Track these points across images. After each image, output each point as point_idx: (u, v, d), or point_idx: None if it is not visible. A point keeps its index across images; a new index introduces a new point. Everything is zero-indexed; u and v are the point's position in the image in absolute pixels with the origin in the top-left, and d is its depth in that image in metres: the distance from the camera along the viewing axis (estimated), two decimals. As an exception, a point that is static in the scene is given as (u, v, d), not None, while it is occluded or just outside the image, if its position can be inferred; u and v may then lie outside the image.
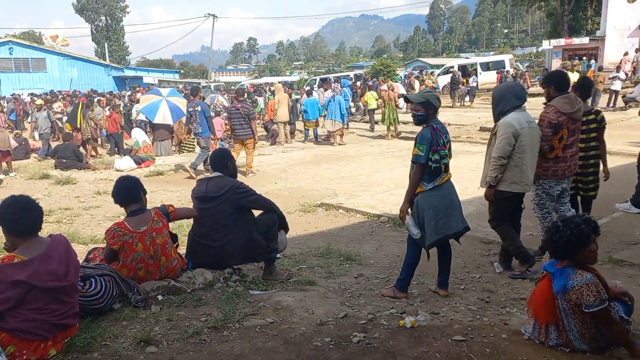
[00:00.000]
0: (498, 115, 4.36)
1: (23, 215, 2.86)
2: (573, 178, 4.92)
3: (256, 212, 4.28)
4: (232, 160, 4.30)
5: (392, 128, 15.22)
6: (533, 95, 25.01)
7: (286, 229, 4.37)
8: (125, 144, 14.58)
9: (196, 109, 10.26)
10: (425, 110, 3.92)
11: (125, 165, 11.14)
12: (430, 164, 3.80)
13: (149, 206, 3.89)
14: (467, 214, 6.79)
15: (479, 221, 5.98)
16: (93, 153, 14.14)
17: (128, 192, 3.71)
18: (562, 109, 4.46)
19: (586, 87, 5.23)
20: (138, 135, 12.75)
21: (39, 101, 20.69)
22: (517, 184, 4.34)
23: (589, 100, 6.80)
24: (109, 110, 15.48)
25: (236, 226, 4.02)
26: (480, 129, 15.10)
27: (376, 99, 17.50)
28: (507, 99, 4.32)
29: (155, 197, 8.37)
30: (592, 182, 5.41)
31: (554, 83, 4.59)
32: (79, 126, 14.21)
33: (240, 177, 10.66)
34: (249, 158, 10.32)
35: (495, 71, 28.15)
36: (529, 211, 6.51)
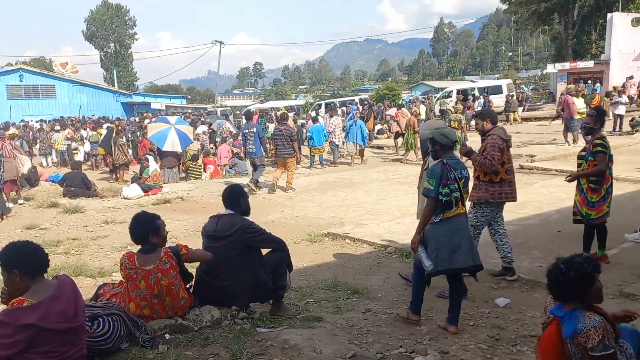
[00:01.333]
0: (426, 150, 4.69)
1: (37, 254, 2.90)
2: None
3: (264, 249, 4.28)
4: (245, 197, 4.31)
5: (411, 152, 15.43)
6: (539, 118, 25.12)
7: (290, 269, 4.35)
8: (132, 170, 14.68)
9: (251, 130, 11.56)
10: (433, 146, 4.12)
11: (132, 193, 11.20)
12: (441, 198, 3.94)
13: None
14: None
15: (487, 251, 5.94)
16: (125, 178, 14.72)
17: (136, 232, 3.72)
18: (502, 136, 5.17)
19: (601, 116, 5.61)
20: (151, 163, 12.87)
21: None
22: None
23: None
24: (140, 135, 16.62)
25: (244, 266, 4.02)
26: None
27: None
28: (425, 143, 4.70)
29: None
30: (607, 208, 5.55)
31: (489, 117, 5.33)
32: (111, 151, 15.11)
33: (279, 193, 11.26)
34: (289, 175, 11.59)
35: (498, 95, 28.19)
36: (537, 241, 6.48)
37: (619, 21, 28.74)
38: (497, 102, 27.18)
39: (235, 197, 4.25)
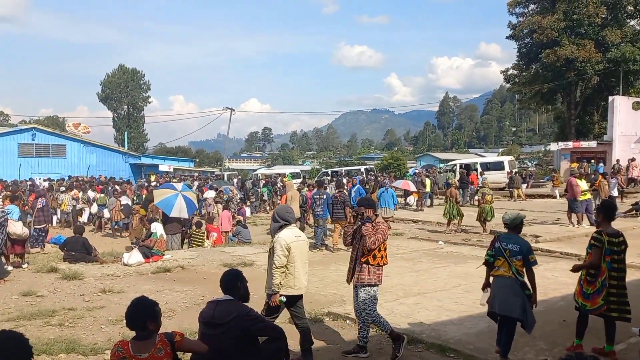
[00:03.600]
0: (273, 231, 5.49)
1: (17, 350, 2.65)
2: (607, 299, 5.40)
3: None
4: (244, 281, 4.28)
5: (454, 222, 15.77)
6: (543, 196, 25.17)
7: (287, 358, 4.25)
8: (134, 237, 14.65)
9: (322, 197, 13.59)
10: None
11: (133, 259, 11.12)
12: (486, 258, 5.75)
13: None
14: (479, 330, 6.61)
15: (491, 340, 5.77)
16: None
17: (134, 319, 3.63)
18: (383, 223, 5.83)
19: (610, 210, 5.66)
20: (158, 228, 12.82)
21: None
22: (292, 288, 5.43)
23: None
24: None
25: (238, 357, 3.92)
26: (490, 232, 15.04)
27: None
28: (277, 219, 5.49)
29: (160, 297, 8.27)
30: (628, 304, 5.49)
31: (370, 206, 5.95)
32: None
33: (326, 256, 10.87)
34: (335, 236, 13.18)
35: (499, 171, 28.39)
36: (542, 330, 6.30)
37: (620, 104, 29.49)
38: (499, 178, 27.43)
39: (234, 283, 4.21)
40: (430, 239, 14.81)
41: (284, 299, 5.37)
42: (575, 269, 5.66)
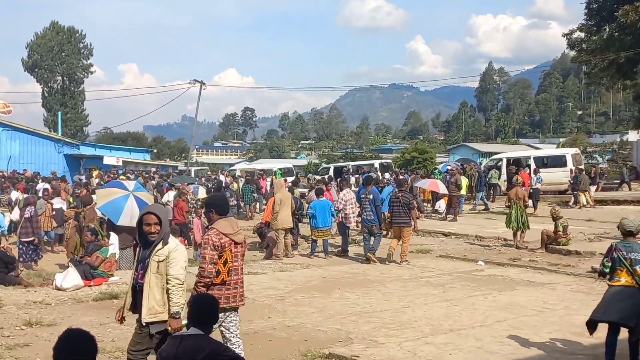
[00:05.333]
0: (163, 238, 5.61)
1: None
2: None
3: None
4: (218, 311, 4.36)
5: (520, 233, 15.78)
6: (619, 201, 25.15)
7: None
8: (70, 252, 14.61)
9: (367, 196, 14.30)
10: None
11: (69, 282, 11.13)
12: (602, 268, 6.97)
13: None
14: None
15: None
16: None
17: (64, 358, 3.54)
18: (223, 231, 6.03)
19: None
20: (114, 242, 12.79)
21: None
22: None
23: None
24: (174, 197, 18.15)
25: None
26: (547, 247, 15.10)
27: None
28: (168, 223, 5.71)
29: (104, 333, 8.29)
30: None
31: (215, 208, 6.24)
32: None
33: (266, 292, 11.12)
34: (404, 245, 13.97)
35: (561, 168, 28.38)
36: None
37: None
38: (559, 177, 27.46)
39: (206, 311, 4.24)
40: (467, 257, 14.85)
41: (187, 323, 5.49)
42: None
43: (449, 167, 29.71)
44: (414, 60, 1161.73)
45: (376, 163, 38.14)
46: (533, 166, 27.85)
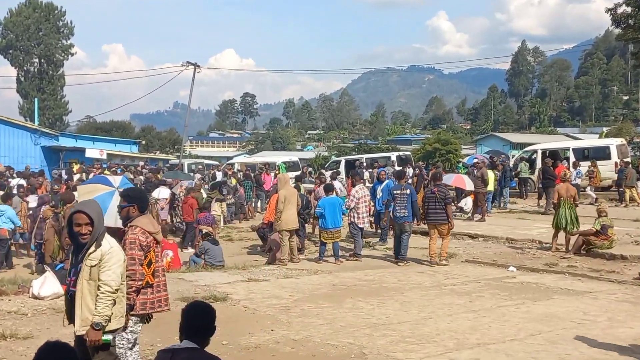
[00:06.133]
0: (96, 240, 5.68)
1: None
2: None
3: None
4: (214, 322, 4.37)
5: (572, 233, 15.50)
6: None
7: None
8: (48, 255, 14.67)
9: (404, 192, 14.84)
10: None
11: (47, 290, 11.16)
12: None
13: None
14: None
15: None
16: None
17: None
18: (147, 229, 6.22)
19: None
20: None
21: None
22: (123, 317, 5.82)
23: None
24: (183, 193, 19.08)
25: None
26: (587, 251, 15.03)
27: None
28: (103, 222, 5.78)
29: (87, 347, 8.32)
30: None
31: (137, 202, 6.40)
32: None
33: (270, 301, 10.99)
34: (444, 244, 14.64)
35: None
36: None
37: None
38: (602, 171, 27.34)
39: (204, 323, 4.26)
40: (496, 262, 14.83)
41: (110, 339, 5.68)
42: None
43: (476, 160, 29.59)
44: (437, 39, 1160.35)
45: (393, 156, 38.07)
46: (572, 159, 27.77)
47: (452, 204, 15.34)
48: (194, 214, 17.92)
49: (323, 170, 33.53)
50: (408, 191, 14.98)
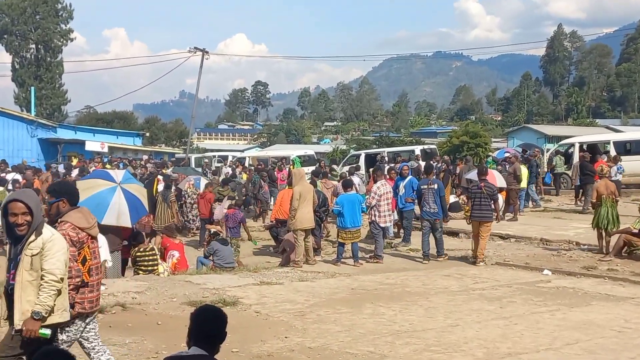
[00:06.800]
0: (36, 229, 5.73)
1: None
2: None
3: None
4: (225, 328, 4.39)
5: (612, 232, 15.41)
6: None
7: None
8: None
9: (431, 187, 15.31)
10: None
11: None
12: None
13: None
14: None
15: None
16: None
17: None
18: (79, 224, 6.25)
19: None
20: (101, 244, 12.89)
21: None
22: (67, 311, 5.97)
23: None
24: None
25: None
26: (629, 253, 14.93)
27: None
28: (41, 212, 5.85)
29: (85, 354, 8.37)
30: None
31: (66, 196, 6.44)
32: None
33: (284, 306, 11.18)
34: (482, 242, 14.88)
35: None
36: None
37: None
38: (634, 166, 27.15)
39: (215, 328, 4.28)
40: (530, 265, 14.78)
41: (49, 333, 5.70)
42: None
43: (507, 154, 29.44)
44: (465, 23, 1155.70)
45: (417, 149, 37.86)
46: (613, 153, 27.55)
47: (498, 200, 15.77)
48: (211, 210, 18.19)
49: (335, 166, 33.51)
50: (435, 186, 15.36)
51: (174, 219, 19.47)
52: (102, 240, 12.80)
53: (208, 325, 4.30)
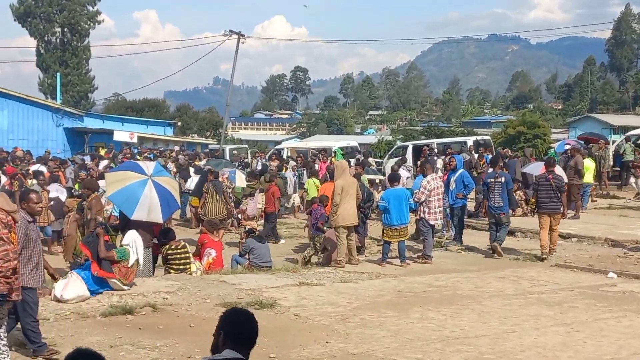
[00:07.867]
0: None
1: None
2: None
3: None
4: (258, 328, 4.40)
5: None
6: None
7: None
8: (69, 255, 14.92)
9: (498, 180, 15.95)
10: None
11: (70, 292, 11.35)
12: None
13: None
14: None
15: None
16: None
17: None
18: (4, 207, 6.59)
19: None
20: (130, 242, 12.88)
21: None
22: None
23: None
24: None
25: None
26: None
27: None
28: None
29: (116, 357, 8.49)
30: None
31: None
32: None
33: (326, 308, 11.01)
34: (553, 236, 15.77)
35: None
36: None
37: None
38: None
39: (246, 332, 4.31)
40: (593, 268, 14.62)
41: None
42: None
43: (568, 147, 29.09)
44: (522, 4, 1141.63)
45: (470, 141, 37.61)
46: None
47: (565, 193, 16.32)
48: (275, 204, 18.41)
49: (360, 156, 33.34)
50: (503, 179, 16.10)
51: (223, 213, 19.41)
52: (135, 236, 12.88)
53: (243, 327, 4.32)
